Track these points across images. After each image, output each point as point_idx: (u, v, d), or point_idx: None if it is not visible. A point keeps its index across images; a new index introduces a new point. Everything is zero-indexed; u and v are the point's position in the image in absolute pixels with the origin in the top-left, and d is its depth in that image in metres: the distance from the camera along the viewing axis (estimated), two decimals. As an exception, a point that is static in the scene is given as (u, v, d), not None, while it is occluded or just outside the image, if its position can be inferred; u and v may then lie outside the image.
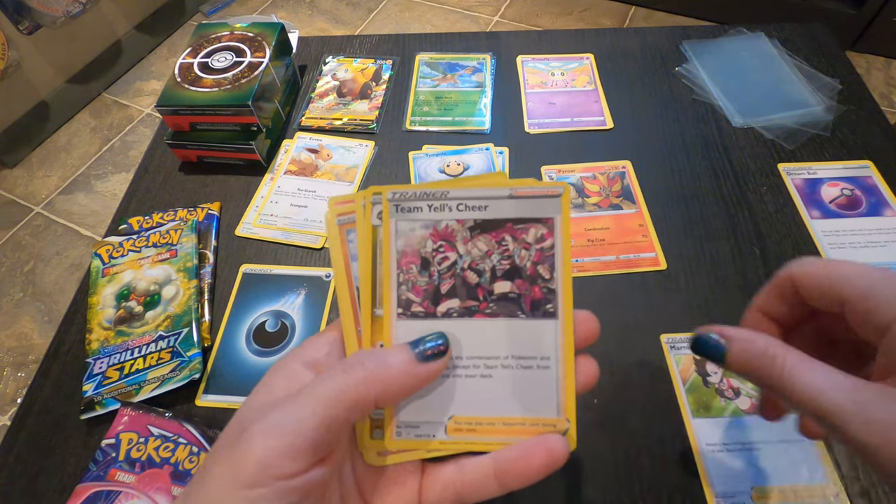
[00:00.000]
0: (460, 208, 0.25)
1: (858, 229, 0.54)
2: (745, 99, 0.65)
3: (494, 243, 0.25)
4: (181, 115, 0.60)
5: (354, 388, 0.21)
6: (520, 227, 0.25)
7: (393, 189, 0.24)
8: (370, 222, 0.24)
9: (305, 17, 2.01)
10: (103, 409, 0.45)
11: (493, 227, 0.25)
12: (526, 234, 0.25)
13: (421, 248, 0.25)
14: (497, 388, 0.24)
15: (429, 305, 0.25)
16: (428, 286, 0.25)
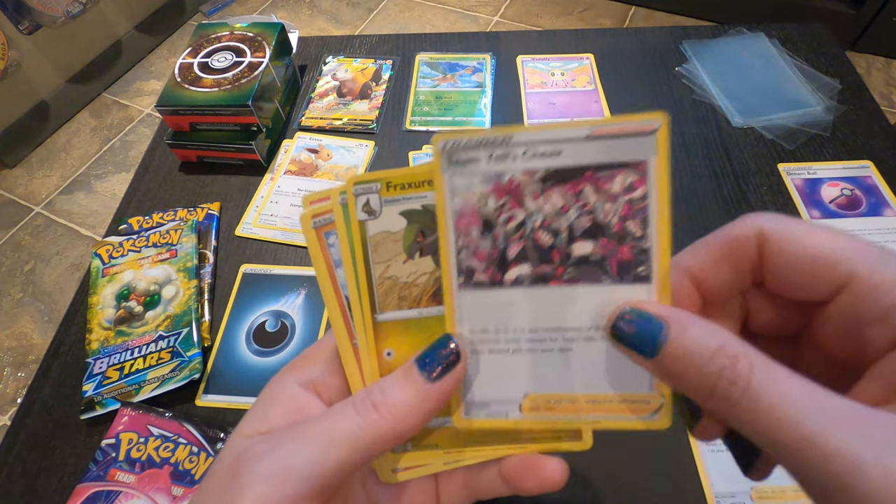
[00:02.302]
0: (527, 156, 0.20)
1: (858, 229, 0.54)
2: (745, 99, 0.65)
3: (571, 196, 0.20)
4: (181, 115, 0.60)
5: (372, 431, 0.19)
6: (603, 174, 0.20)
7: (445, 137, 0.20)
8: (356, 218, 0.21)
9: (305, 17, 2.01)
10: (103, 409, 0.45)
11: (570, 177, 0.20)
12: (611, 184, 0.20)
13: (481, 206, 0.21)
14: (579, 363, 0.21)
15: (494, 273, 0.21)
16: (493, 251, 0.21)
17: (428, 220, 0.21)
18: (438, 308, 0.21)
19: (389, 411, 0.19)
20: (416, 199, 0.21)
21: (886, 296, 0.15)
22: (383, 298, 0.22)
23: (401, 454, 0.23)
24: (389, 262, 0.21)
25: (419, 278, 0.21)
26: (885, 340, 0.15)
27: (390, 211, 0.21)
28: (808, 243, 0.17)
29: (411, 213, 0.21)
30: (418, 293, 0.22)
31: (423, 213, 0.21)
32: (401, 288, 0.21)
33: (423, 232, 0.21)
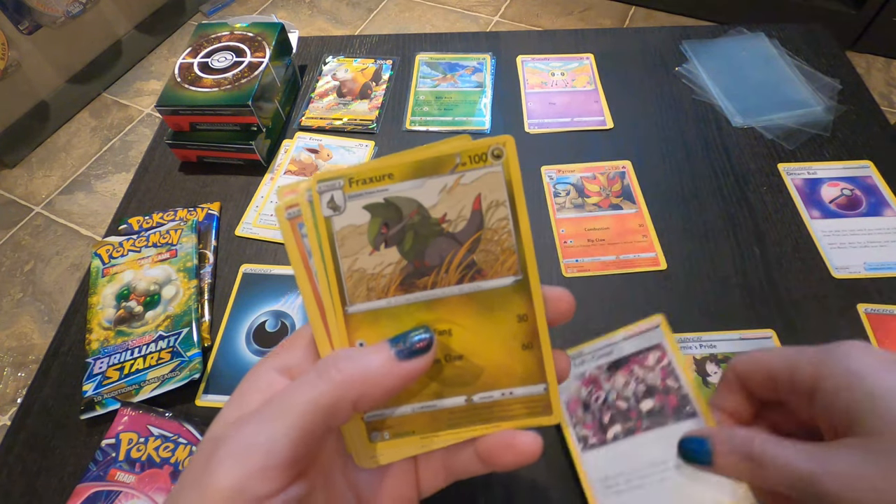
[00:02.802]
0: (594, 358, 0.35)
1: (858, 229, 0.54)
2: (745, 99, 0.65)
3: (628, 374, 0.34)
4: (181, 115, 0.60)
5: (330, 393, 0.19)
6: (641, 356, 0.33)
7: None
8: (321, 214, 0.22)
9: (305, 17, 2.01)
10: (103, 409, 0.45)
11: (622, 364, 0.34)
12: (647, 360, 0.33)
13: (578, 395, 0.35)
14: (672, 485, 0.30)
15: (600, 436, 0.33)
16: (594, 422, 0.34)
17: (391, 213, 0.22)
18: (406, 297, 0.22)
19: (350, 376, 0.20)
20: (379, 192, 0.22)
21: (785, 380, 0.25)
22: (353, 291, 0.22)
23: (377, 443, 0.23)
24: (357, 255, 0.22)
25: (385, 269, 0.22)
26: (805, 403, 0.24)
27: (354, 205, 0.22)
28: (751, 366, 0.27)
29: (374, 206, 0.22)
30: (385, 283, 0.22)
31: (385, 206, 0.22)
32: (369, 279, 0.22)
33: (387, 224, 0.22)
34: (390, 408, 0.23)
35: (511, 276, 0.22)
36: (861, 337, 0.47)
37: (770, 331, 0.48)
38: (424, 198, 0.22)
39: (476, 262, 0.22)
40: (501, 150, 0.21)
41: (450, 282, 0.22)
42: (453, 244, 0.22)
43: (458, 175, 0.21)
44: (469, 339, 0.22)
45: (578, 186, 0.59)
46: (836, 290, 0.50)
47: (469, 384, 0.23)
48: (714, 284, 0.51)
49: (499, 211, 0.22)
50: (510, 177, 0.21)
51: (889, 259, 0.52)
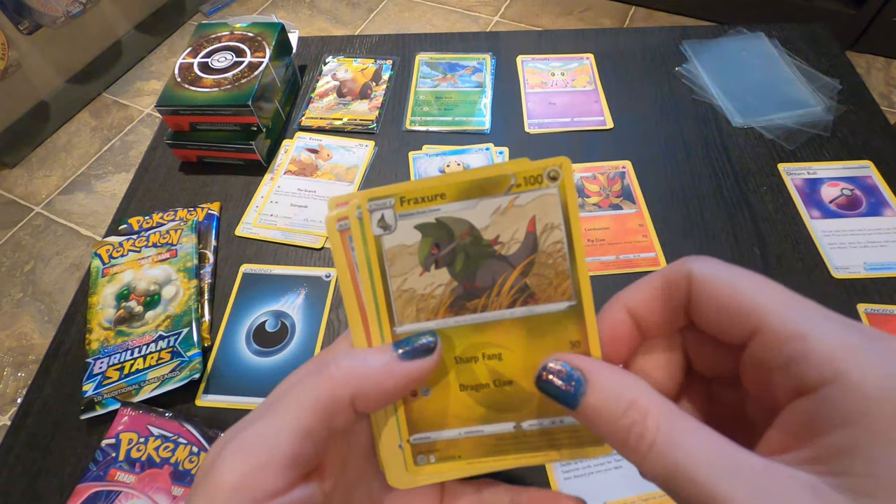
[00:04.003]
0: None
1: (858, 229, 0.54)
2: (745, 99, 0.65)
3: None
4: (181, 115, 0.60)
5: (327, 390, 0.19)
6: None
7: None
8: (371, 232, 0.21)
9: (305, 17, 2.01)
10: (103, 409, 0.45)
11: None
12: None
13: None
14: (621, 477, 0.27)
15: None
16: None
17: (442, 233, 0.21)
18: (455, 319, 0.22)
19: (347, 373, 0.19)
20: (430, 212, 0.21)
21: (788, 346, 0.16)
22: (401, 311, 0.22)
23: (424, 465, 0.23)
24: (406, 275, 0.22)
25: (436, 290, 0.22)
26: (787, 389, 0.16)
27: (405, 225, 0.21)
28: (727, 289, 0.18)
29: (426, 226, 0.21)
30: (435, 304, 0.22)
31: (437, 226, 0.21)
32: (418, 300, 0.22)
33: (438, 244, 0.22)
34: (437, 431, 0.22)
35: (565, 301, 0.21)
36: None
37: (770, 331, 0.48)
38: (477, 219, 0.21)
39: (529, 286, 0.22)
40: (558, 173, 0.21)
41: (501, 305, 0.22)
42: (506, 267, 0.22)
43: (513, 196, 0.21)
44: (519, 365, 0.22)
45: (578, 186, 0.59)
46: (836, 290, 0.50)
47: (518, 410, 0.22)
48: (714, 284, 0.51)
49: (553, 234, 0.21)
50: (566, 199, 0.21)
51: (889, 259, 0.52)
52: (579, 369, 0.19)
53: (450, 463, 0.23)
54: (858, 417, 0.14)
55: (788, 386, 0.16)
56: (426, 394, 0.22)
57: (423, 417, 0.22)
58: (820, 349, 0.15)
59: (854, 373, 0.15)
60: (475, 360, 0.22)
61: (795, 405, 0.16)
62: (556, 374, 0.19)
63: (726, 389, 0.20)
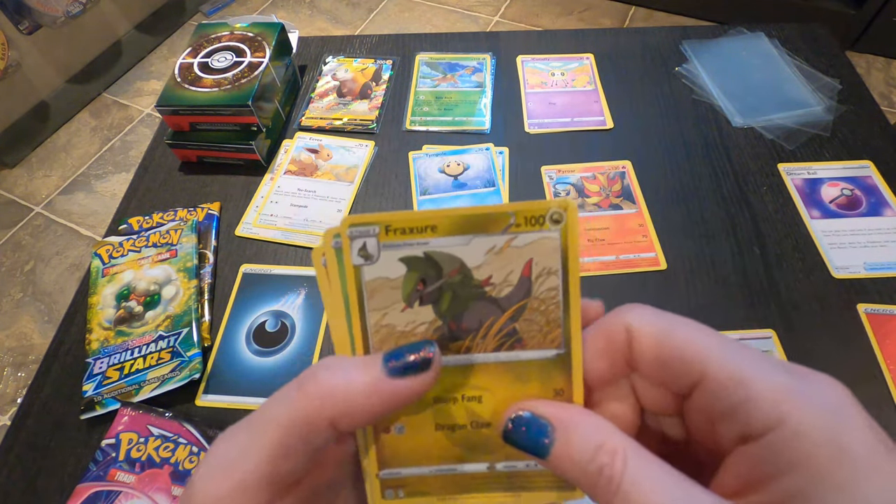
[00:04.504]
0: None
1: (858, 229, 0.54)
2: (745, 99, 0.65)
3: None
4: (181, 115, 0.60)
5: (305, 407, 0.18)
6: None
7: None
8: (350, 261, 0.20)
9: (305, 17, 2.01)
10: (103, 409, 0.45)
11: None
12: None
13: None
14: None
15: None
16: None
17: (430, 269, 0.20)
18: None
19: (328, 390, 0.18)
20: (418, 245, 0.20)
21: (731, 393, 0.16)
22: (378, 347, 0.21)
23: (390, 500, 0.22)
24: (387, 309, 0.20)
25: (417, 328, 0.21)
26: (732, 435, 0.16)
27: (389, 256, 0.20)
28: (666, 341, 0.18)
29: (412, 259, 0.20)
30: None
31: (424, 261, 0.20)
32: (398, 337, 0.21)
33: (424, 280, 0.20)
34: (408, 467, 0.22)
35: (553, 349, 0.21)
36: (861, 337, 0.47)
37: (770, 331, 0.48)
38: (469, 257, 0.20)
39: (517, 331, 0.21)
40: (562, 216, 0.19)
41: (486, 348, 0.21)
42: (495, 310, 0.20)
43: (510, 237, 0.20)
44: (500, 408, 0.21)
45: (578, 186, 0.59)
46: (836, 290, 0.50)
47: (493, 452, 0.22)
48: (714, 284, 0.51)
49: (549, 280, 0.20)
50: (567, 245, 0.20)
51: (889, 259, 0.52)
52: (546, 418, 0.19)
53: (419, 499, 0.22)
54: (804, 461, 0.15)
55: (733, 432, 0.16)
56: (400, 431, 0.21)
57: (395, 454, 0.22)
58: (762, 394, 0.16)
59: (796, 417, 0.15)
60: (454, 401, 0.21)
61: (742, 452, 0.16)
62: (524, 425, 0.19)
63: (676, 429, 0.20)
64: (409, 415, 0.21)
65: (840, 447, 0.15)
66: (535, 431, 0.18)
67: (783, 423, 0.15)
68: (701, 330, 0.18)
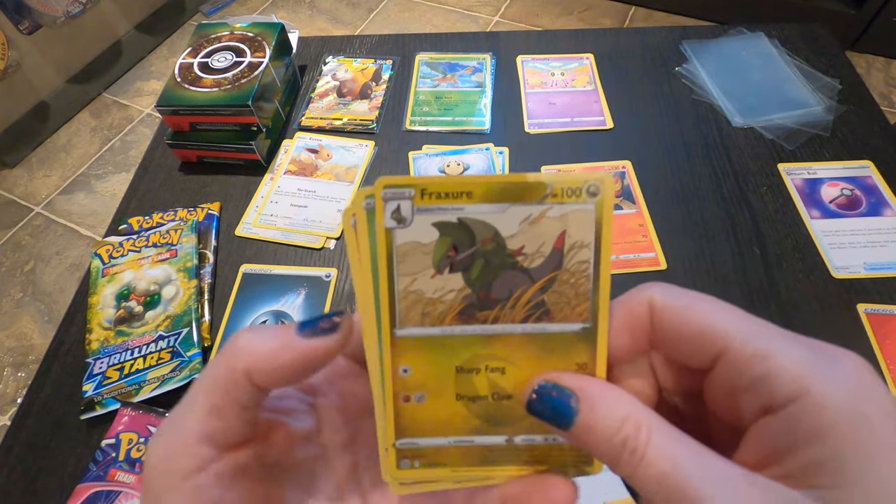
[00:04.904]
0: None
1: (858, 229, 0.54)
2: (745, 99, 0.65)
3: None
4: (181, 115, 0.60)
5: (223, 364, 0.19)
6: None
7: None
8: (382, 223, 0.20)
9: (305, 17, 2.01)
10: (103, 409, 0.45)
11: None
12: None
13: None
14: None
15: None
16: None
17: (463, 235, 0.20)
18: (462, 328, 0.21)
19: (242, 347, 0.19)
20: (453, 210, 0.20)
21: (754, 367, 0.16)
22: (405, 313, 0.21)
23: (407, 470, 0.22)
24: (416, 275, 0.20)
25: (446, 295, 0.20)
26: (754, 408, 0.17)
27: (422, 220, 0.20)
28: (689, 316, 0.18)
29: (445, 224, 0.20)
30: (443, 310, 0.21)
31: (458, 227, 0.20)
32: (425, 303, 0.20)
33: (456, 246, 0.20)
34: (425, 437, 0.22)
35: (580, 322, 0.20)
36: (861, 337, 0.47)
37: (770, 331, 0.48)
38: (503, 225, 0.20)
39: (546, 303, 0.21)
40: (598, 188, 0.19)
41: (514, 319, 0.21)
42: (525, 280, 0.20)
43: (546, 207, 0.20)
44: (522, 380, 0.21)
45: (578, 186, 0.59)
46: (836, 290, 0.50)
47: (513, 425, 0.21)
48: (714, 284, 0.51)
49: (581, 253, 0.20)
50: (601, 219, 0.20)
51: (889, 259, 0.52)
52: (571, 389, 0.19)
53: (434, 470, 0.22)
54: (826, 432, 0.15)
55: (755, 405, 0.17)
56: (420, 400, 0.21)
57: (413, 423, 0.22)
58: (785, 367, 0.16)
59: (818, 388, 0.15)
60: (477, 372, 0.21)
61: (762, 424, 0.16)
62: (547, 396, 0.19)
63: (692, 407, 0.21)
64: (430, 384, 0.21)
65: (861, 417, 0.15)
66: (559, 402, 0.19)
67: (805, 395, 0.15)
68: (723, 305, 0.18)
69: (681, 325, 0.18)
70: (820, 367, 0.16)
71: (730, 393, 0.18)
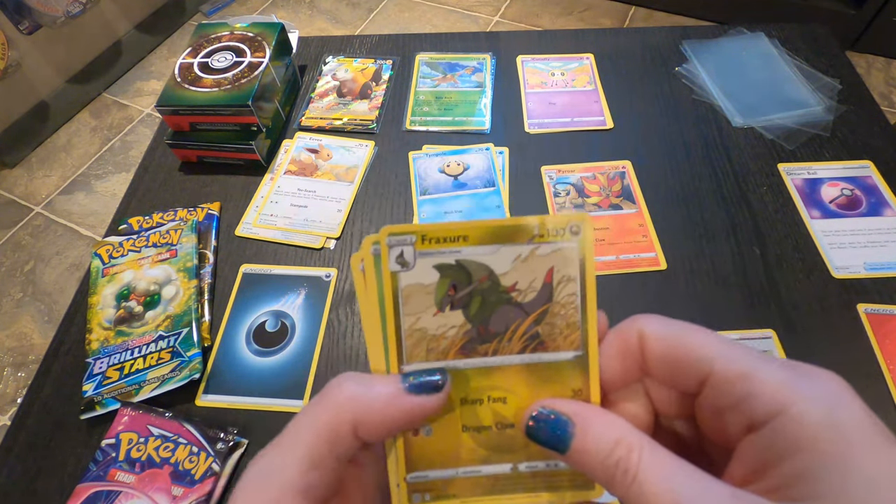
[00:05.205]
0: None
1: (858, 229, 0.54)
2: (745, 99, 0.65)
3: None
4: (181, 115, 0.60)
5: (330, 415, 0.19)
6: None
7: None
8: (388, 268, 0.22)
9: (305, 17, 2.01)
10: (103, 409, 0.45)
11: None
12: None
13: None
14: None
15: None
16: None
17: (461, 275, 0.22)
18: (465, 361, 0.22)
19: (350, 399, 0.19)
20: (451, 253, 0.22)
21: (737, 387, 0.18)
22: (411, 350, 0.22)
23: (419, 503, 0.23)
24: (420, 314, 0.22)
25: (448, 331, 0.22)
26: (740, 427, 0.18)
27: (424, 263, 0.22)
28: (676, 344, 0.19)
29: (445, 266, 0.22)
30: (446, 346, 0.22)
31: (456, 268, 0.22)
32: (429, 340, 0.22)
33: (455, 286, 0.22)
34: (435, 470, 0.22)
35: (572, 350, 0.22)
36: (861, 337, 0.47)
37: (770, 331, 0.48)
38: (497, 264, 0.22)
39: (540, 334, 0.22)
40: (580, 227, 0.22)
41: (511, 350, 0.22)
42: (520, 314, 0.22)
43: (534, 246, 0.22)
44: (522, 409, 0.22)
45: (578, 186, 0.59)
46: (836, 290, 0.50)
47: (516, 452, 0.23)
48: (714, 284, 0.51)
49: (569, 286, 0.22)
50: (584, 254, 0.22)
51: (889, 259, 0.52)
52: (566, 414, 0.20)
53: (445, 502, 0.23)
54: (805, 444, 0.16)
55: (740, 423, 0.18)
56: (428, 433, 0.22)
57: (423, 456, 0.22)
58: (765, 385, 0.17)
59: (797, 405, 0.16)
60: (480, 403, 0.22)
61: (747, 441, 0.17)
62: (544, 421, 0.20)
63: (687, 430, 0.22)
64: (437, 416, 0.22)
65: (838, 430, 0.16)
66: (555, 427, 0.20)
67: (784, 411, 0.16)
68: (706, 333, 0.19)
69: (668, 352, 0.19)
70: (798, 385, 0.17)
71: (717, 413, 0.19)
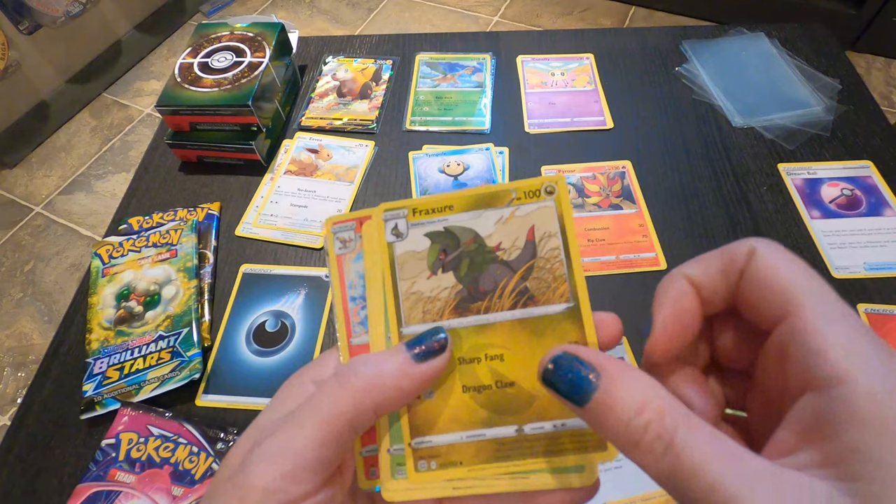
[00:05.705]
0: None
1: (858, 229, 0.54)
2: (745, 99, 0.65)
3: None
4: (181, 115, 0.60)
5: (351, 400, 0.20)
6: None
7: None
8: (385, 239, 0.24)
9: (305, 17, 2.01)
10: (103, 409, 0.45)
11: None
12: None
13: None
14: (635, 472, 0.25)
15: None
16: None
17: (449, 240, 0.24)
18: (459, 320, 0.23)
19: (368, 382, 0.20)
20: (439, 221, 0.24)
21: (810, 338, 0.16)
22: (409, 312, 0.23)
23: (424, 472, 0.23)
24: (415, 278, 0.23)
25: (441, 293, 0.23)
26: (799, 382, 0.16)
27: (416, 233, 0.24)
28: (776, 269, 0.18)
29: (435, 234, 0.24)
30: (440, 307, 0.23)
31: (445, 234, 0.24)
32: (425, 302, 0.23)
33: (445, 250, 0.24)
34: (439, 434, 0.23)
35: (563, 303, 0.23)
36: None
37: (770, 331, 0.48)
38: (481, 227, 0.23)
39: (529, 289, 0.23)
40: (553, 187, 0.23)
41: (503, 307, 0.23)
42: (507, 271, 0.23)
43: (514, 208, 0.23)
44: (521, 366, 0.23)
45: (578, 186, 0.59)
46: (836, 290, 0.50)
47: (520, 413, 0.23)
48: (714, 284, 0.51)
49: (551, 241, 0.23)
50: (562, 211, 0.23)
51: (889, 259, 0.52)
52: (592, 363, 0.18)
53: (451, 469, 0.23)
54: (870, 419, 0.14)
55: (801, 378, 0.16)
56: (429, 396, 0.23)
57: (425, 420, 0.23)
58: (837, 349, 0.16)
59: (866, 377, 0.15)
60: (478, 361, 0.23)
61: (805, 403, 0.16)
62: (567, 368, 0.18)
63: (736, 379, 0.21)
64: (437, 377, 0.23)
65: None
66: (577, 376, 0.18)
67: (853, 380, 0.15)
68: (813, 276, 0.18)
69: (766, 273, 0.18)
70: (874, 358, 0.15)
71: (781, 360, 0.17)
